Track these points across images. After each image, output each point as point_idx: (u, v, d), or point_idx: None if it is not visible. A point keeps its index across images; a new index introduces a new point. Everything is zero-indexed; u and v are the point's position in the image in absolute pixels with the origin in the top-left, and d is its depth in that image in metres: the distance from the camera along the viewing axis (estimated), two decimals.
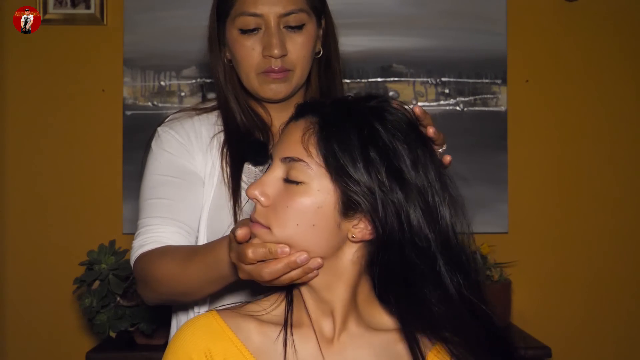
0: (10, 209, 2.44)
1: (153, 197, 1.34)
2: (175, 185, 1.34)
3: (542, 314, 2.44)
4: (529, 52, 2.48)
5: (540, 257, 2.46)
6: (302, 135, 0.98)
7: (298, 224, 0.96)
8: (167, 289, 1.23)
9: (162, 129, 1.39)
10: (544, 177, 2.48)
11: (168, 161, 1.36)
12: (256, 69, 1.34)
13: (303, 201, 0.96)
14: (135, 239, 1.32)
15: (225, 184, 1.34)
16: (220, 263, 1.12)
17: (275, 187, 0.98)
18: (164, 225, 1.31)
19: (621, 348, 2.46)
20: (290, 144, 0.99)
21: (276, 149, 1.01)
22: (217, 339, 0.99)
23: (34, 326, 2.42)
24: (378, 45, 2.43)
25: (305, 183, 0.97)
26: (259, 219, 0.97)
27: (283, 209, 0.96)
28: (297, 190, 0.97)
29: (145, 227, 1.32)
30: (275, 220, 0.96)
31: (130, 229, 2.38)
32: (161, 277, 1.22)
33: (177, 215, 1.32)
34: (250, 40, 1.33)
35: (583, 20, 2.47)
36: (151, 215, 1.32)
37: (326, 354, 1.00)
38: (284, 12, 1.31)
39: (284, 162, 0.99)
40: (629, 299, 2.47)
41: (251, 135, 1.38)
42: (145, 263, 1.26)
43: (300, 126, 1.00)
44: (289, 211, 0.96)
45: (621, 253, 2.48)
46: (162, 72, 2.41)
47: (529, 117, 2.47)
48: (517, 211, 2.45)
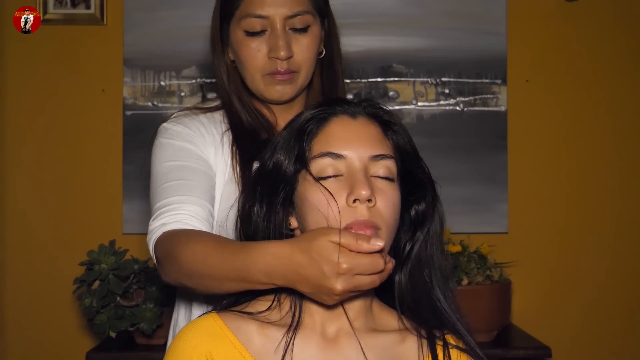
0: (10, 209, 2.44)
1: (168, 181, 1.28)
2: (189, 168, 1.30)
3: (542, 314, 2.44)
4: (529, 52, 2.48)
5: (540, 257, 2.46)
6: (382, 132, 1.02)
7: (395, 220, 1.00)
8: (187, 271, 1.13)
9: (169, 124, 1.37)
10: (544, 177, 2.48)
11: (179, 148, 1.33)
12: (262, 71, 1.34)
13: (397, 196, 1.00)
14: (155, 220, 1.24)
15: (236, 182, 1.33)
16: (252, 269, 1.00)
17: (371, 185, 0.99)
18: (185, 204, 1.24)
19: (621, 348, 2.46)
20: (375, 141, 1.01)
21: (355, 146, 1.00)
22: (218, 341, 0.99)
23: (34, 326, 2.42)
24: (378, 45, 2.43)
25: (395, 180, 1.01)
26: (376, 221, 0.96)
27: (389, 207, 0.98)
28: (393, 187, 1.00)
29: (166, 208, 1.24)
30: (383, 220, 0.97)
31: (130, 229, 2.38)
32: (185, 257, 1.13)
33: (196, 192, 1.27)
34: (256, 42, 1.32)
35: (583, 20, 2.47)
36: (169, 196, 1.26)
37: (328, 355, 1.00)
38: (290, 13, 1.31)
39: (373, 159, 0.99)
40: (629, 298, 2.47)
41: (257, 134, 1.38)
42: (170, 241, 1.18)
43: (369, 124, 1.02)
44: (394, 209, 0.99)
45: (621, 253, 2.48)
46: (162, 72, 2.41)
47: (529, 117, 2.47)
48: (517, 211, 2.45)
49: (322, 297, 0.94)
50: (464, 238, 2.20)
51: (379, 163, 0.99)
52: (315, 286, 0.93)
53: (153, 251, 1.23)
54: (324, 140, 1.01)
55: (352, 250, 0.90)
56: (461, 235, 2.22)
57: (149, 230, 1.25)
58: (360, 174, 0.97)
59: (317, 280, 0.92)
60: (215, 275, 1.07)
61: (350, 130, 1.01)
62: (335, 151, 0.99)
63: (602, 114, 2.48)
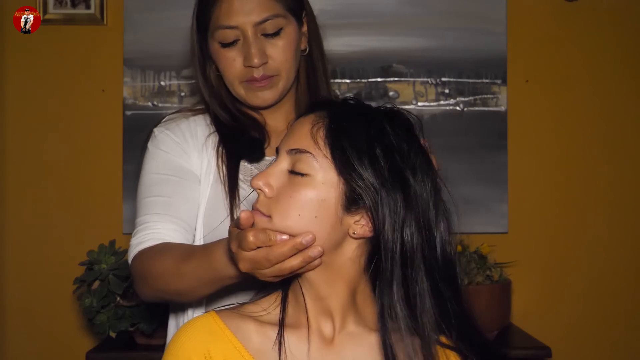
0: (10, 209, 2.44)
1: (150, 195, 1.34)
2: (171, 183, 1.34)
3: (542, 314, 2.44)
4: (529, 52, 2.47)
5: (540, 257, 2.46)
6: (311, 128, 0.99)
7: (300, 214, 0.96)
8: (163, 286, 1.22)
9: (158, 130, 1.40)
10: (544, 177, 2.48)
11: (164, 160, 1.36)
12: (240, 79, 1.35)
13: (307, 193, 0.97)
14: (133, 236, 1.32)
15: (222, 182, 1.35)
16: (216, 263, 1.11)
17: (280, 178, 0.99)
18: (162, 222, 1.30)
19: (621, 348, 2.46)
20: (298, 136, 1.00)
21: (283, 142, 1.01)
22: (217, 340, 0.99)
23: (34, 326, 2.42)
24: (378, 45, 2.43)
25: (310, 175, 0.97)
26: (260, 208, 0.98)
27: (286, 199, 0.97)
28: (302, 182, 0.97)
29: (144, 225, 1.31)
30: (276, 209, 0.97)
31: (130, 229, 2.36)
32: (157, 273, 1.22)
33: (174, 212, 1.32)
34: (232, 52, 1.33)
35: (583, 20, 2.47)
36: (149, 212, 1.32)
37: (325, 354, 1.00)
38: (259, 20, 1.30)
39: (290, 154, 0.99)
40: (628, 298, 2.47)
41: (245, 133, 1.39)
42: (143, 259, 1.26)
43: (310, 119, 1.01)
44: (292, 201, 0.96)
45: (621, 253, 2.47)
46: (162, 72, 2.41)
47: (529, 117, 2.47)
48: (517, 211, 2.45)
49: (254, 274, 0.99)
50: (464, 238, 2.20)
51: (295, 157, 0.99)
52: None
53: (131, 269, 1.31)
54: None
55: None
56: (461, 235, 2.22)
57: (129, 245, 1.32)
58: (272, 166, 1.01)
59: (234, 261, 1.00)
60: (188, 284, 1.17)
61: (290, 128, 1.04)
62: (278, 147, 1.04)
63: (602, 114, 2.48)
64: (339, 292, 1.01)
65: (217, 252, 1.11)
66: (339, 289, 1.01)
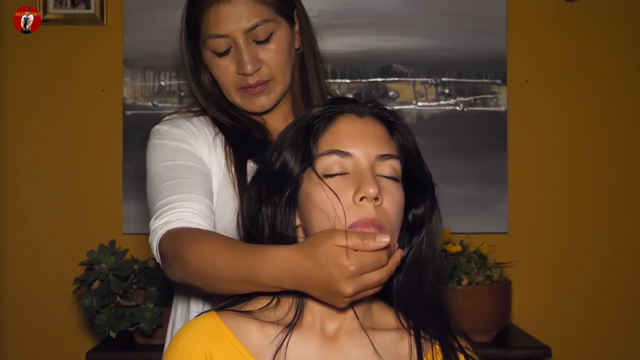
0: (10, 208, 2.44)
1: (166, 180, 1.28)
2: (186, 167, 1.31)
3: (542, 314, 2.44)
4: (529, 52, 2.48)
5: (540, 257, 2.46)
6: (388, 133, 1.02)
7: (400, 219, 0.99)
8: (193, 271, 1.14)
9: (162, 126, 1.38)
10: (544, 177, 2.48)
11: (174, 148, 1.33)
12: (235, 86, 1.35)
13: (402, 196, 1.00)
14: (156, 219, 1.24)
15: (232, 182, 1.34)
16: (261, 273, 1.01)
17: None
18: (186, 202, 1.24)
19: (621, 348, 2.46)
20: (381, 140, 1.00)
21: (362, 144, 0.99)
22: (217, 340, 0.99)
23: (34, 326, 2.42)
24: (378, 45, 2.43)
25: (399, 180, 1.01)
26: (382, 220, 0.95)
27: (396, 208, 0.98)
28: (398, 187, 1.00)
29: (167, 206, 1.24)
30: (389, 220, 0.97)
31: (130, 229, 2.38)
32: (191, 256, 1.13)
33: (195, 190, 1.27)
34: (225, 61, 1.33)
35: (583, 20, 2.47)
36: (169, 195, 1.25)
37: (327, 353, 1.00)
38: (249, 26, 1.30)
39: (381, 159, 0.99)
40: (629, 298, 2.47)
41: (249, 134, 1.38)
42: (176, 240, 1.18)
43: (375, 124, 1.02)
44: (399, 209, 0.98)
45: (622, 252, 2.48)
46: (162, 72, 2.41)
47: (529, 117, 2.47)
48: (517, 211, 2.45)
49: (333, 299, 0.94)
50: (464, 238, 2.20)
51: (385, 162, 0.99)
52: (326, 290, 0.94)
53: (157, 250, 1.23)
54: (331, 138, 1.00)
55: (358, 250, 0.90)
56: (461, 235, 2.22)
57: (151, 230, 1.25)
58: (368, 172, 0.97)
59: (327, 285, 0.93)
60: (222, 276, 1.08)
61: (357, 129, 1.00)
62: (343, 149, 0.99)
63: (602, 114, 2.48)
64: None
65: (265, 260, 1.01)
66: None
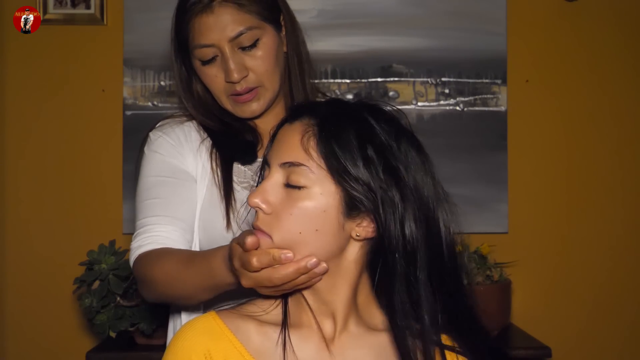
0: (10, 208, 2.44)
1: (148, 198, 1.34)
2: (169, 184, 1.35)
3: (542, 314, 2.44)
4: (529, 52, 2.47)
5: (540, 257, 2.46)
6: (301, 138, 0.97)
7: (301, 231, 0.95)
8: (164, 291, 1.25)
9: (154, 133, 1.41)
10: (544, 177, 2.48)
11: (160, 162, 1.37)
12: (225, 93, 1.36)
13: (307, 206, 0.95)
14: (134, 240, 1.33)
15: (217, 185, 1.36)
16: (214, 272, 1.12)
17: (277, 193, 0.97)
18: (160, 225, 1.31)
19: (621, 348, 2.46)
20: (289, 148, 0.98)
21: (273, 154, 0.99)
22: (217, 340, 0.99)
23: (34, 326, 2.42)
24: (378, 45, 2.43)
25: (307, 187, 0.96)
26: (262, 227, 0.97)
27: (286, 216, 0.95)
28: (300, 196, 0.96)
29: (143, 228, 1.32)
30: (278, 228, 0.96)
31: (130, 229, 2.36)
32: (158, 279, 1.23)
33: (172, 212, 1.32)
34: (213, 69, 1.34)
35: (583, 20, 2.47)
36: (148, 215, 1.33)
37: (326, 354, 1.00)
38: (234, 35, 1.30)
39: (283, 167, 0.97)
40: (629, 298, 2.47)
41: (236, 136, 1.40)
42: (143, 264, 1.27)
43: (297, 129, 0.98)
44: (293, 218, 0.95)
45: (622, 252, 2.47)
46: (162, 72, 2.41)
47: (529, 117, 2.47)
48: (517, 211, 2.45)
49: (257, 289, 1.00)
50: (464, 238, 2.19)
51: (289, 170, 0.97)
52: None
53: (133, 272, 1.33)
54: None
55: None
56: (461, 235, 2.21)
57: (130, 249, 1.33)
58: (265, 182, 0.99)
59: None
60: (188, 289, 1.18)
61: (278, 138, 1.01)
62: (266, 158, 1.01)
63: (602, 114, 2.48)
64: (342, 294, 1.01)
65: (216, 261, 1.11)
66: (342, 290, 1.01)
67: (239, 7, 1.30)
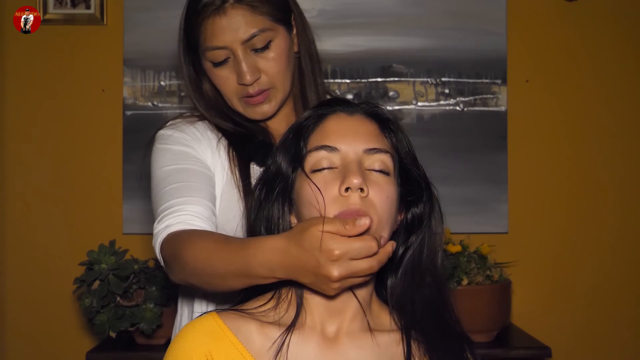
0: (10, 208, 2.44)
1: (169, 184, 1.30)
2: (189, 171, 1.32)
3: (542, 314, 2.44)
4: (529, 52, 2.48)
5: (541, 257, 2.46)
6: (378, 128, 1.03)
7: (391, 215, 1.00)
8: (192, 270, 1.16)
9: (166, 131, 1.39)
10: (544, 177, 2.48)
11: (177, 152, 1.35)
12: (237, 95, 1.35)
13: (393, 191, 1.00)
14: (159, 222, 1.26)
15: (236, 185, 1.34)
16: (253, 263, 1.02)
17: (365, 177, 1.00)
18: (187, 205, 1.26)
19: (621, 348, 2.46)
20: (371, 135, 1.02)
21: (350, 140, 1.01)
22: (218, 341, 0.99)
23: (34, 326, 2.42)
24: (378, 45, 2.43)
25: (390, 174, 1.01)
26: (366, 209, 0.96)
27: (383, 199, 0.98)
28: (389, 181, 1.00)
29: (169, 210, 1.26)
30: (375, 211, 0.97)
31: (130, 229, 2.38)
32: (189, 257, 1.16)
33: (197, 193, 1.28)
34: (225, 71, 1.33)
35: (583, 20, 2.47)
36: (171, 198, 1.27)
37: (327, 354, 1.00)
38: (246, 37, 1.30)
39: (369, 152, 1.01)
40: (629, 298, 2.47)
41: (252, 136, 1.39)
42: (174, 242, 1.20)
43: (365, 121, 1.04)
44: (388, 202, 0.99)
45: (622, 253, 2.48)
46: (162, 72, 2.41)
47: (529, 117, 2.47)
48: (517, 211, 2.45)
49: (322, 286, 0.94)
50: (464, 238, 2.20)
51: (373, 157, 1.01)
52: (314, 275, 0.93)
53: (159, 253, 1.25)
54: (320, 135, 1.03)
55: (343, 236, 0.91)
56: (461, 235, 2.22)
57: (154, 234, 1.27)
58: (354, 164, 0.99)
59: (314, 270, 0.93)
60: (219, 272, 1.09)
61: (345, 125, 1.03)
62: (330, 144, 1.01)
63: (602, 114, 2.48)
64: (364, 290, 1.02)
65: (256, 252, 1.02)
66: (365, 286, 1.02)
67: (252, 8, 1.29)
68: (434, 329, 1.02)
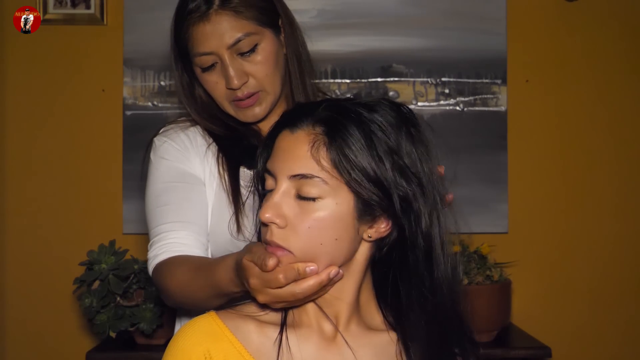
0: (10, 208, 2.44)
1: (159, 205, 1.35)
2: (178, 189, 1.35)
3: (542, 314, 2.44)
4: (529, 52, 2.47)
5: (540, 257, 2.46)
6: (310, 148, 0.95)
7: (322, 242, 0.94)
8: (179, 299, 1.27)
9: (158, 139, 1.42)
10: (544, 176, 2.48)
11: (167, 168, 1.38)
12: (227, 99, 1.36)
13: (323, 217, 0.94)
14: (150, 249, 1.34)
15: (225, 190, 1.36)
16: (219, 283, 1.12)
17: (288, 205, 0.95)
18: (174, 231, 1.32)
19: (621, 348, 2.46)
20: (297, 158, 0.95)
21: (279, 165, 0.96)
22: (217, 341, 0.98)
23: (34, 326, 2.42)
24: (378, 45, 2.43)
25: (321, 198, 0.94)
26: (280, 243, 0.95)
27: (304, 230, 0.94)
28: (315, 207, 0.94)
29: (158, 236, 1.33)
30: (296, 242, 0.94)
31: (130, 229, 2.38)
32: (172, 288, 1.25)
33: (185, 217, 1.33)
34: (214, 76, 1.34)
35: (583, 20, 2.47)
36: (160, 223, 1.33)
37: (326, 354, 1.00)
38: (232, 42, 1.30)
39: (293, 179, 0.95)
40: (629, 298, 2.47)
41: (241, 140, 1.41)
42: (160, 273, 1.29)
43: (303, 138, 0.96)
44: (311, 231, 0.94)
45: (621, 252, 2.48)
46: (162, 72, 2.41)
47: (529, 117, 2.47)
48: (517, 211, 2.45)
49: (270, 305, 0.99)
50: (464, 238, 2.20)
51: (299, 182, 0.95)
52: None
53: (153, 281, 1.34)
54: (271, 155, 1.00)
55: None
56: (461, 235, 2.22)
57: (147, 258, 1.34)
58: (275, 194, 0.95)
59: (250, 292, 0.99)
60: (200, 298, 1.19)
61: (281, 148, 0.98)
62: (270, 169, 0.98)
63: (602, 114, 2.48)
64: (349, 294, 1.01)
65: (219, 272, 1.12)
66: (350, 291, 1.01)
67: (236, 14, 1.30)
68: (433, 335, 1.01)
